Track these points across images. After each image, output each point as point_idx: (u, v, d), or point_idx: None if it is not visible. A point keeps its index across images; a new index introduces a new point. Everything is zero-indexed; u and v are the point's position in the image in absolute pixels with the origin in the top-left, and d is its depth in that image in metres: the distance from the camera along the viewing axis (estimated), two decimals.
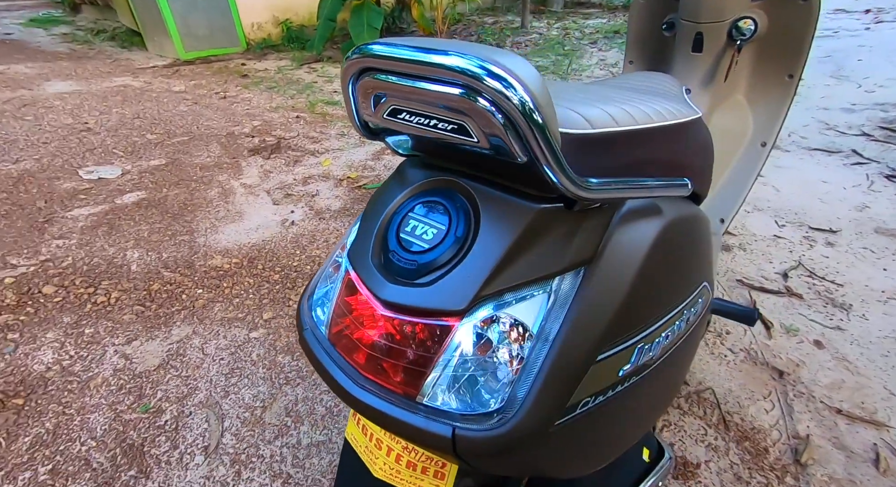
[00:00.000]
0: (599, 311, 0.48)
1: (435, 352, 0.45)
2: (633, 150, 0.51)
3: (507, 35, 6.07)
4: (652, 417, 0.66)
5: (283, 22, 5.58)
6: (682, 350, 0.66)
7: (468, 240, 0.46)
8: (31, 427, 1.18)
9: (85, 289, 1.64)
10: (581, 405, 0.47)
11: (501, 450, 0.44)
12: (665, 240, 0.55)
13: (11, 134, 2.86)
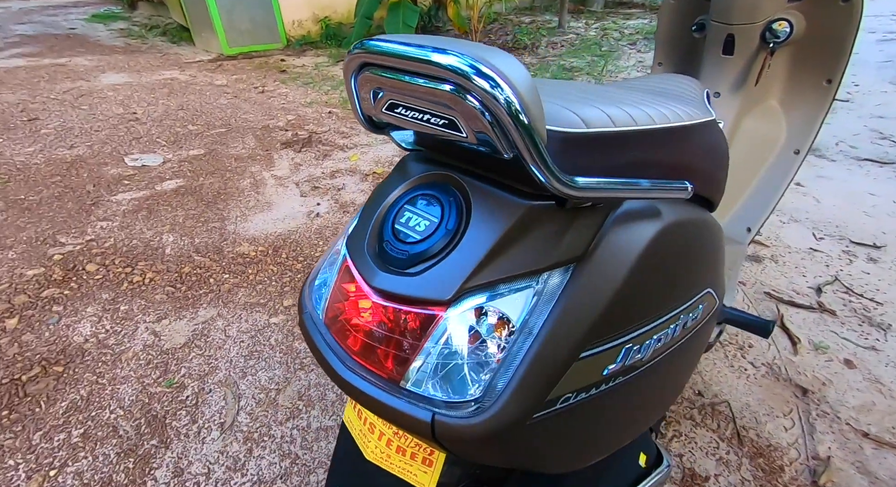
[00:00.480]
0: (586, 309, 0.48)
1: (420, 340, 0.46)
2: (628, 151, 0.51)
3: (542, 35, 6.00)
4: (644, 420, 0.65)
5: (322, 19, 5.72)
6: (679, 355, 0.65)
7: (459, 233, 0.47)
8: (67, 393, 1.28)
9: (123, 269, 1.75)
10: (562, 400, 0.47)
11: (478, 439, 0.45)
12: (662, 242, 0.55)
13: (68, 122, 3.07)
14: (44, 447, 1.14)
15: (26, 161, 2.53)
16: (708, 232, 0.68)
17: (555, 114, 0.46)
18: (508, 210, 0.47)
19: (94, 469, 1.10)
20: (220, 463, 1.11)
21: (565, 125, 0.46)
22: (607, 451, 0.60)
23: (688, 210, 0.63)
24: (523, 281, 0.47)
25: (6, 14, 8.06)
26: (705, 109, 0.72)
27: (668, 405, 0.73)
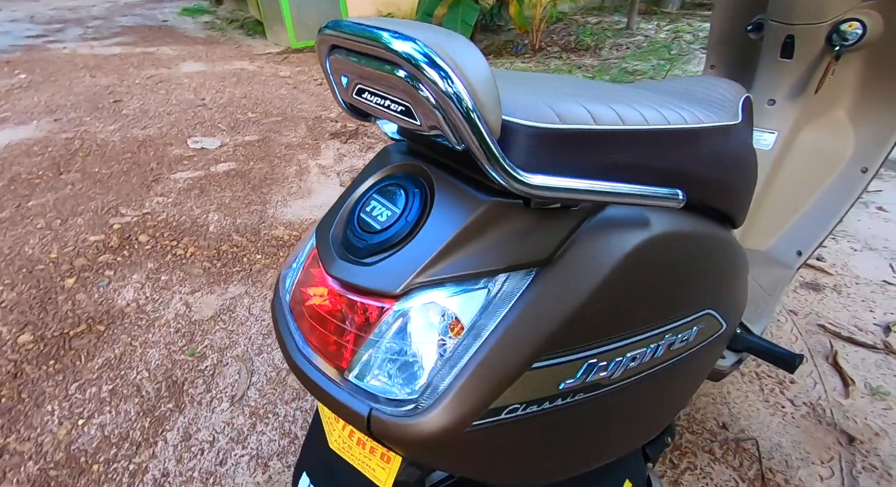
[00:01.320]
0: (543, 317, 0.45)
1: (367, 332, 0.45)
2: (609, 152, 0.46)
3: (607, 36, 5.78)
4: (617, 446, 0.60)
5: (385, 15, 5.85)
6: (666, 379, 0.59)
7: (418, 226, 0.46)
8: (104, 351, 1.39)
9: (170, 242, 1.88)
10: (508, 410, 0.44)
11: (412, 440, 0.43)
12: (644, 255, 0.50)
13: (146, 104, 3.35)
14: (77, 397, 1.25)
15: (106, 138, 2.78)
16: (715, 249, 0.61)
17: (528, 109, 0.43)
18: (470, 205, 0.45)
19: (115, 423, 1.19)
20: (224, 434, 1.17)
21: (537, 120, 0.43)
22: (567, 472, 0.55)
23: (690, 223, 0.57)
24: (478, 280, 0.45)
25: (114, 7, 8.94)
26: (731, 115, 0.65)
27: (650, 432, 0.67)
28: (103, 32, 6.16)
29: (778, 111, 1.13)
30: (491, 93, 0.37)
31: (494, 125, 0.38)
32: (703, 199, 0.59)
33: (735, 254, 0.70)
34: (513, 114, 0.43)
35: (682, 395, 0.69)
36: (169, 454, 1.12)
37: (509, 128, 0.42)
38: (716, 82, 0.79)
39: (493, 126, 0.38)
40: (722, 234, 0.64)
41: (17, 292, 1.60)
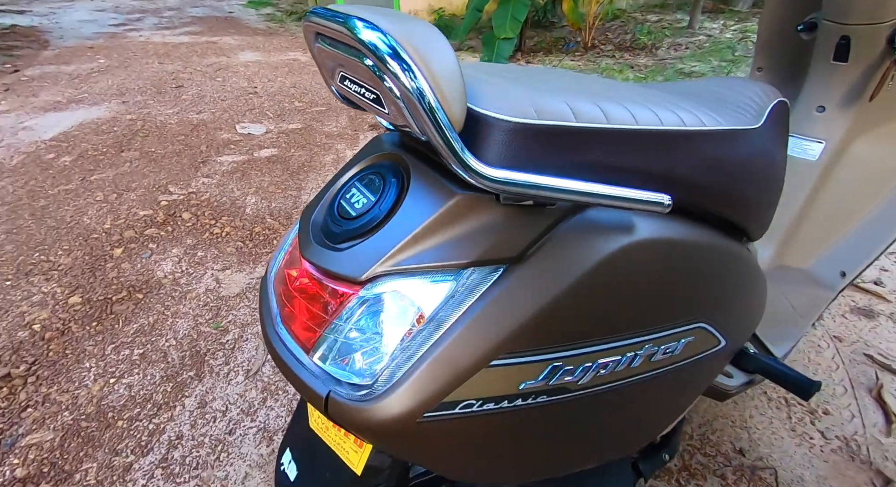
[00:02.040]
0: (507, 314, 0.44)
1: (331, 315, 0.46)
2: (589, 150, 0.44)
3: (666, 35, 5.51)
4: (590, 455, 0.58)
5: (436, 10, 5.86)
6: (647, 391, 0.56)
7: (390, 215, 0.46)
8: (140, 318, 1.50)
9: (209, 220, 1.99)
10: (463, 405, 0.44)
11: (365, 425, 0.43)
12: (625, 260, 0.47)
13: (204, 91, 3.55)
14: (112, 358, 1.36)
15: (164, 120, 2.98)
16: (714, 260, 0.58)
17: (507, 103, 0.42)
18: (441, 197, 0.44)
19: (141, 385, 1.28)
20: (237, 405, 1.23)
21: (514, 114, 0.41)
22: (531, 477, 0.54)
23: (682, 230, 0.53)
24: (444, 273, 0.44)
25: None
26: (749, 119, 0.60)
27: (631, 445, 0.64)
28: (175, 22, 6.57)
29: (827, 119, 1.04)
30: (454, 85, 0.37)
31: (457, 117, 0.38)
32: (701, 206, 0.56)
33: (744, 268, 0.65)
34: (489, 108, 0.42)
35: (669, 410, 0.66)
36: (185, 418, 1.19)
37: (485, 121, 0.42)
38: (746, 85, 0.74)
39: (456, 118, 0.38)
40: (725, 245, 0.60)
41: (73, 257, 1.75)
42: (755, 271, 0.70)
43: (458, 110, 0.38)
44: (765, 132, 0.64)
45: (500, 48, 4.59)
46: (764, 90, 0.73)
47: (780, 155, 0.69)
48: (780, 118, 0.72)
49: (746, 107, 0.65)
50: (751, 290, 0.70)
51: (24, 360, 1.34)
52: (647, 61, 4.76)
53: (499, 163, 0.42)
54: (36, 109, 3.12)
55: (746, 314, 0.71)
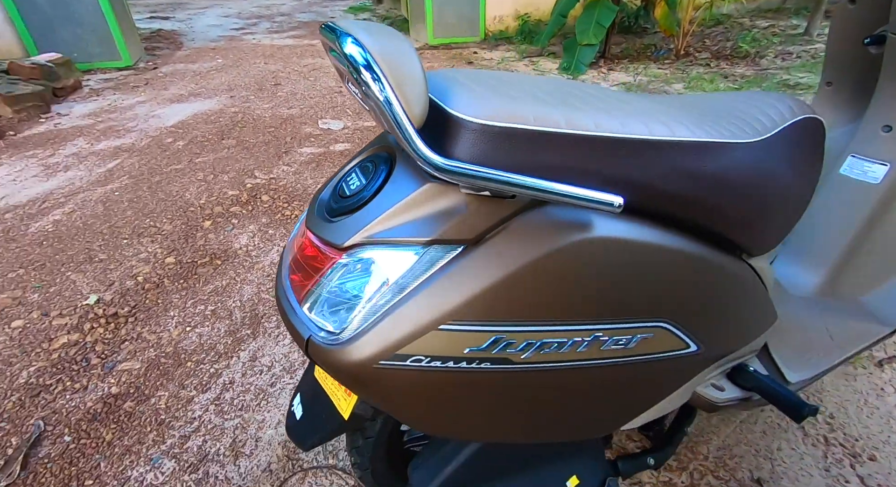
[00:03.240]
0: (458, 287, 0.51)
1: (319, 275, 0.56)
2: (542, 151, 0.50)
3: (775, 43, 5.04)
4: (543, 429, 0.62)
5: (521, 16, 5.89)
6: (599, 379, 0.60)
7: (374, 196, 0.55)
8: (216, 280, 1.75)
9: (282, 203, 2.24)
10: (413, 359, 0.52)
11: (333, 365, 0.53)
12: (577, 253, 0.52)
13: (297, 88, 3.94)
14: (190, 310, 1.61)
15: (261, 114, 3.37)
16: (688, 266, 0.60)
17: (477, 106, 0.49)
18: (414, 183, 0.53)
19: (209, 335, 1.50)
20: (280, 364, 1.40)
21: (479, 117, 0.48)
22: (491, 437, 0.61)
23: (652, 235, 0.57)
24: (409, 247, 0.52)
25: (298, 5, 10.47)
26: (748, 133, 0.62)
27: (583, 431, 0.67)
28: (283, 26, 7.29)
29: (894, 139, 0.96)
30: (416, 90, 0.45)
31: (418, 116, 0.45)
32: (671, 214, 0.58)
33: (732, 280, 0.66)
34: (462, 111, 0.49)
35: (629, 404, 0.68)
36: (238, 368, 1.39)
37: (458, 122, 0.49)
38: (772, 99, 0.73)
39: (416, 117, 0.45)
40: (703, 254, 0.61)
41: (173, 225, 2.07)
42: (749, 285, 0.70)
43: (418, 111, 0.46)
44: (766, 147, 0.64)
45: (581, 54, 4.51)
46: (790, 105, 0.72)
47: (789, 171, 0.68)
48: (800, 134, 0.70)
49: (752, 121, 0.65)
50: (741, 303, 0.69)
51: (128, 303, 1.63)
52: (746, 71, 4.40)
53: (469, 158, 0.49)
54: (164, 101, 3.69)
55: (732, 325, 0.70)
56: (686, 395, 0.76)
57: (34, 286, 1.71)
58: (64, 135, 3.05)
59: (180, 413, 1.26)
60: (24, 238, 1.99)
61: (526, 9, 5.95)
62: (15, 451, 1.16)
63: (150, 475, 1.12)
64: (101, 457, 1.16)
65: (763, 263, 0.76)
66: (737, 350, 0.74)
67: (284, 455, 1.16)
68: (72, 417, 1.25)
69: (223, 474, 1.12)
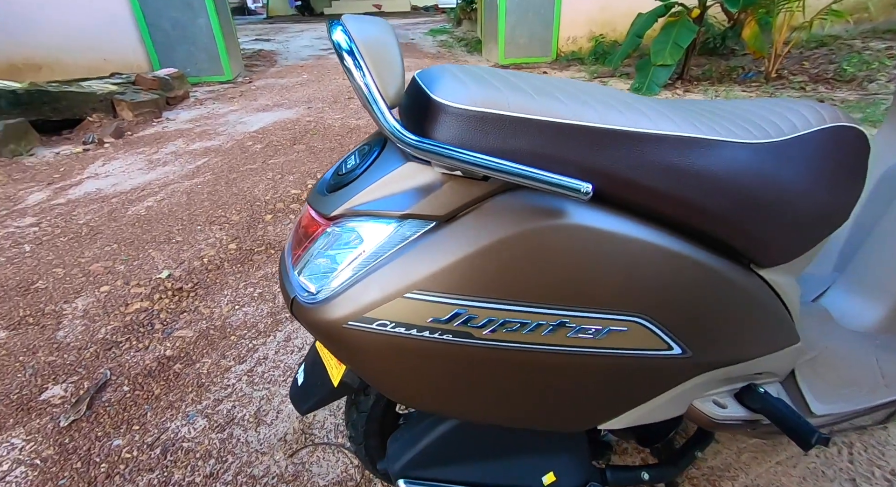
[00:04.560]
0: (427, 260, 0.54)
1: (310, 241, 0.63)
2: (518, 136, 0.52)
3: (888, 66, 4.53)
4: (506, 413, 0.63)
5: (596, 37, 5.83)
6: (566, 367, 0.60)
7: (363, 173, 0.61)
8: (266, 267, 1.92)
9: None
10: (378, 323, 0.55)
11: (309, 321, 0.59)
12: (544, 238, 0.54)
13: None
14: (241, 291, 1.78)
15: (331, 124, 3.64)
16: (674, 265, 0.58)
17: (459, 94, 0.52)
18: (395, 162, 0.58)
19: (253, 314, 1.65)
20: (309, 346, 1.50)
21: (457, 102, 0.52)
22: (451, 411, 0.63)
23: (631, 228, 0.57)
24: (386, 219, 0.57)
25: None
26: (751, 134, 0.60)
27: (554, 422, 0.66)
28: None
29: None
30: (393, 73, 0.50)
31: (392, 98, 0.50)
32: (653, 210, 0.58)
33: (728, 287, 0.63)
34: (443, 97, 0.54)
35: (599, 399, 0.66)
36: (272, 346, 1.51)
37: (438, 106, 0.54)
38: (794, 104, 0.70)
39: (391, 98, 0.50)
40: (693, 255, 0.59)
41: (240, 216, 2.31)
42: (755, 296, 0.66)
43: (392, 91, 0.50)
44: (775, 150, 0.62)
45: (655, 75, 4.36)
46: (821, 113, 0.68)
47: (808, 180, 0.64)
48: (829, 143, 0.66)
49: (765, 124, 0.63)
50: (742, 313, 0.65)
51: (193, 280, 1.84)
52: (849, 95, 4.00)
53: (447, 140, 0.53)
54: (252, 110, 4.12)
55: (729, 335, 0.66)
56: (680, 406, 0.72)
57: (122, 259, 1.99)
58: (168, 137, 3.51)
59: (217, 379, 1.40)
60: (122, 219, 2.32)
61: (601, 29, 5.89)
62: (85, 393, 1.36)
63: (185, 429, 1.25)
64: (148, 408, 1.31)
65: (779, 277, 0.71)
66: (736, 362, 0.70)
67: (300, 428, 1.24)
68: (132, 371, 1.43)
69: (245, 437, 1.22)
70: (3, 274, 1.90)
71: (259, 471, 1.14)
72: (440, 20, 12.91)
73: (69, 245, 2.10)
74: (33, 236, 2.18)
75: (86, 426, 1.26)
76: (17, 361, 1.48)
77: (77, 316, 1.66)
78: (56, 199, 2.56)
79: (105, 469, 1.15)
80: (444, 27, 10.81)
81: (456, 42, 8.11)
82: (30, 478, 1.13)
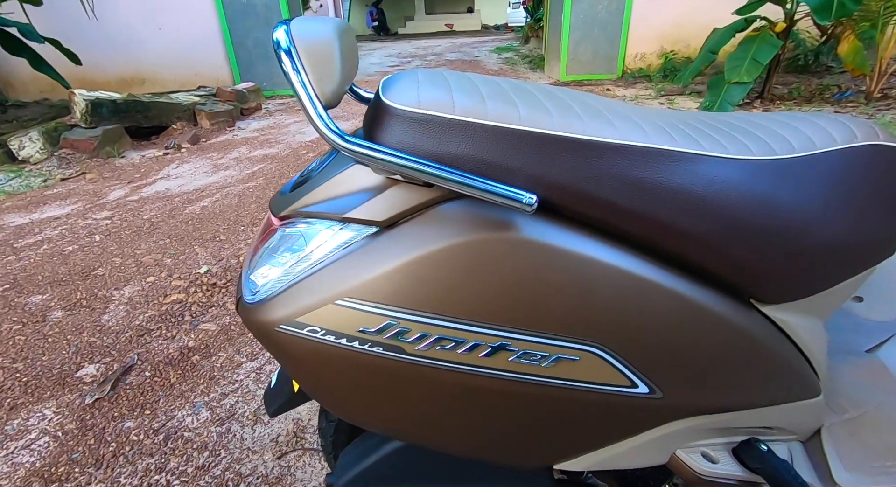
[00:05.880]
0: (361, 267, 0.51)
1: (262, 242, 0.62)
2: (464, 141, 0.48)
3: None
4: (446, 438, 0.57)
5: (667, 53, 5.55)
6: (507, 395, 0.53)
7: (317, 175, 0.60)
8: None
9: None
10: (309, 328, 0.53)
11: (248, 322, 0.57)
12: (484, 252, 0.49)
13: None
14: None
15: None
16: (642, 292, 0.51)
17: (407, 95, 0.50)
18: (343, 166, 0.56)
19: None
20: None
21: (402, 104, 0.50)
22: (389, 430, 0.58)
23: (591, 247, 0.50)
24: (331, 222, 0.55)
25: (451, 47, 11.52)
26: (748, 150, 0.52)
27: (501, 453, 0.59)
28: (432, 64, 8.06)
29: None
30: (329, 71, 0.48)
31: (328, 96, 0.48)
32: (622, 229, 0.51)
33: (706, 319, 0.53)
34: (390, 98, 0.51)
35: (556, 436, 0.57)
36: None
37: (385, 108, 0.51)
38: (819, 119, 0.60)
39: (326, 98, 0.48)
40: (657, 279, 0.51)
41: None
42: (752, 336, 0.55)
43: (328, 91, 0.48)
44: (776, 170, 0.52)
45: (728, 93, 4.03)
46: (850, 129, 0.57)
47: (822, 205, 0.53)
48: (857, 164, 0.55)
49: (773, 140, 0.54)
50: (730, 353, 0.55)
51: (226, 277, 1.94)
52: None
53: (394, 144, 0.50)
54: None
55: (717, 378, 0.56)
56: (660, 454, 0.62)
57: (171, 253, 2.15)
58: (234, 144, 3.81)
59: (228, 374, 1.44)
60: (179, 216, 2.52)
61: (674, 45, 5.60)
62: (112, 374, 1.46)
63: (189, 419, 1.30)
64: (162, 394, 1.38)
65: (792, 316, 0.59)
66: (729, 410, 0.59)
67: (293, 431, 1.24)
68: (156, 358, 1.52)
69: (240, 433, 1.24)
70: (73, 260, 2.13)
71: (247, 469, 1.15)
72: (508, 38, 13.03)
73: (131, 237, 2.31)
74: (105, 228, 2.43)
75: (106, 405, 1.35)
76: (65, 339, 1.63)
77: (122, 303, 1.81)
78: (131, 196, 2.85)
79: (113, 448, 1.22)
80: (510, 45, 10.88)
81: (520, 59, 8.10)
82: (50, 448, 1.23)
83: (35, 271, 2.05)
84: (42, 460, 1.20)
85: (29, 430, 1.28)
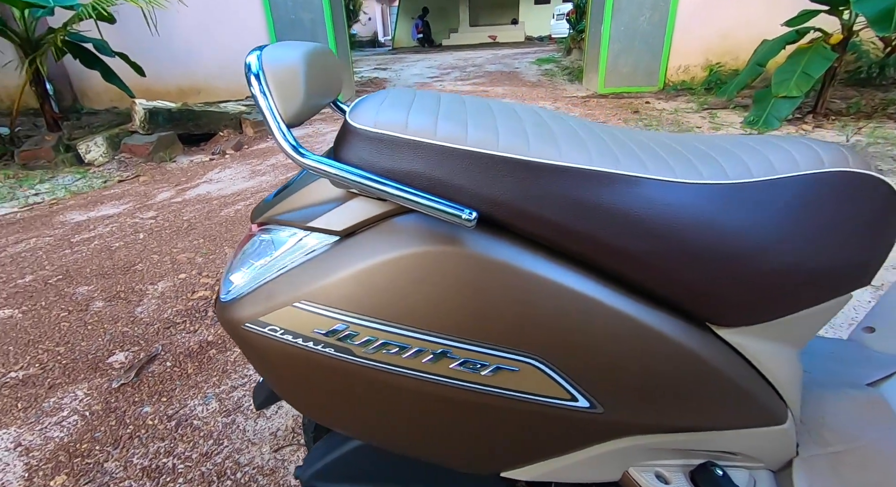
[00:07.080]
0: (319, 273, 0.55)
1: (241, 245, 0.67)
2: (414, 159, 0.51)
3: None
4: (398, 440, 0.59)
5: (712, 65, 5.35)
6: (448, 400, 0.56)
7: (293, 185, 0.65)
8: None
9: None
10: (269, 328, 0.57)
11: (220, 318, 0.62)
12: (430, 262, 0.52)
13: None
14: None
15: None
16: (572, 303, 0.52)
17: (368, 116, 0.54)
18: (312, 178, 0.60)
19: None
20: None
21: (361, 123, 0.54)
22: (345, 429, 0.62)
23: (531, 262, 0.52)
24: (298, 230, 0.60)
25: (492, 58, 11.59)
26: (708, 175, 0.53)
27: (445, 458, 0.61)
28: (470, 75, 8.16)
29: None
30: (293, 92, 0.52)
31: (290, 115, 0.52)
32: (565, 247, 0.53)
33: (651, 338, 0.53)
34: (353, 119, 0.55)
35: (499, 444, 0.58)
36: None
37: (348, 127, 0.55)
38: (786, 142, 0.59)
39: (290, 117, 0.52)
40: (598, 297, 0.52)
41: None
42: (696, 356, 0.55)
43: (292, 111, 0.53)
44: (727, 192, 0.52)
45: (776, 108, 3.84)
46: (819, 154, 0.56)
47: (779, 228, 0.53)
48: (821, 188, 0.54)
49: (729, 163, 0.54)
50: (677, 373, 0.55)
51: None
52: None
53: (353, 160, 0.54)
54: None
55: (662, 397, 0.55)
56: (612, 471, 0.62)
57: (203, 252, 2.29)
58: (273, 151, 4.01)
59: (240, 368, 1.52)
60: (215, 218, 2.69)
61: (721, 58, 5.39)
62: (137, 362, 1.58)
63: (200, 408, 1.38)
64: (179, 384, 1.48)
65: (753, 341, 0.58)
66: (679, 431, 0.57)
67: (292, 427, 1.30)
68: (178, 349, 1.64)
69: (244, 426, 1.31)
70: (118, 256, 2.32)
71: (245, 459, 1.21)
72: (551, 49, 12.96)
73: (170, 236, 2.49)
74: (149, 227, 2.63)
75: (129, 390, 1.46)
76: (102, 327, 1.78)
77: (155, 296, 1.95)
78: (175, 198, 3.07)
79: (130, 430, 1.32)
80: (552, 56, 10.82)
81: (560, 71, 8.05)
82: (78, 426, 1.34)
83: (85, 264, 2.25)
84: (70, 436, 1.31)
85: (62, 408, 1.41)
